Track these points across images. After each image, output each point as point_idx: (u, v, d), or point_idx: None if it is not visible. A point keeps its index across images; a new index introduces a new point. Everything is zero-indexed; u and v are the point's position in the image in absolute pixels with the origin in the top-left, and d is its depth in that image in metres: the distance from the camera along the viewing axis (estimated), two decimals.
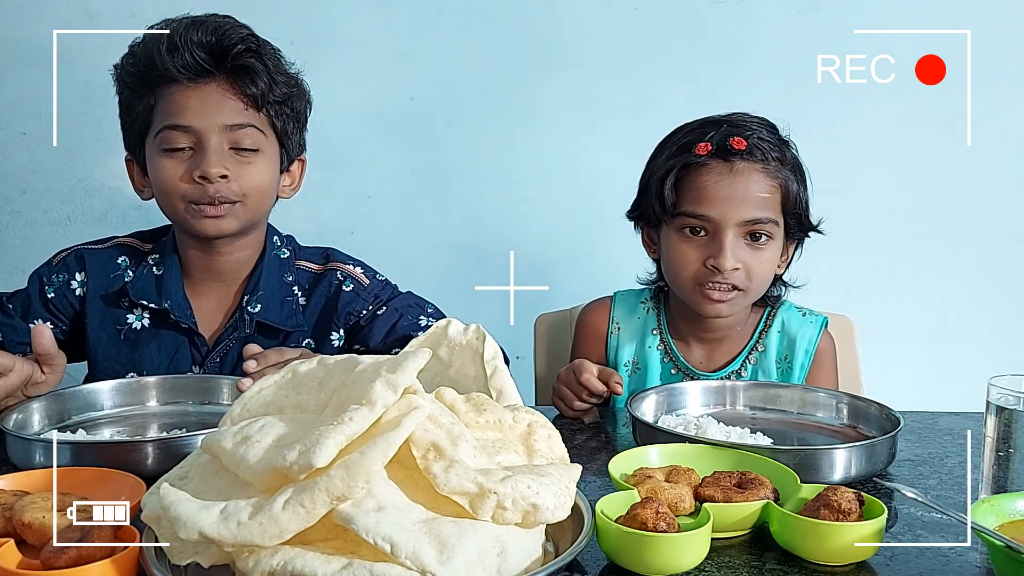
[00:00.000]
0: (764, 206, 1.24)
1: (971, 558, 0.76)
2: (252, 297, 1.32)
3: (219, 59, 1.24)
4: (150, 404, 1.18)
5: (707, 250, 1.25)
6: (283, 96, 1.30)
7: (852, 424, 1.14)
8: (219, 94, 1.25)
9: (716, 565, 0.75)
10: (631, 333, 1.40)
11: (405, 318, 1.36)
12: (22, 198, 1.94)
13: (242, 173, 1.25)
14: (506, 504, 0.65)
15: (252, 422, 0.70)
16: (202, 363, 1.32)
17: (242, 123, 1.25)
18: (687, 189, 1.26)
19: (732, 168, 1.24)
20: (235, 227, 1.27)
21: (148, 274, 1.33)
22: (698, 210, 1.24)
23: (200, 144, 1.23)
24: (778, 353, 1.35)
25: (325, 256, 1.41)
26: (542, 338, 1.62)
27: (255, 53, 1.26)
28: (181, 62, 1.22)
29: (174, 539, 0.66)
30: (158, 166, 1.25)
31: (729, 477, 0.85)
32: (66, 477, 0.84)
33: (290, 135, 1.33)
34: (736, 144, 1.23)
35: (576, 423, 1.21)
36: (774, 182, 1.25)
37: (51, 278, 1.33)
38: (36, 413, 1.09)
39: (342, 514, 0.62)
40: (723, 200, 1.23)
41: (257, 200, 1.28)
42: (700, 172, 1.25)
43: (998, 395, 0.87)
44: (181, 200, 1.25)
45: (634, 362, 1.39)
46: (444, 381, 0.83)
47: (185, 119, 1.23)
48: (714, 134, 1.26)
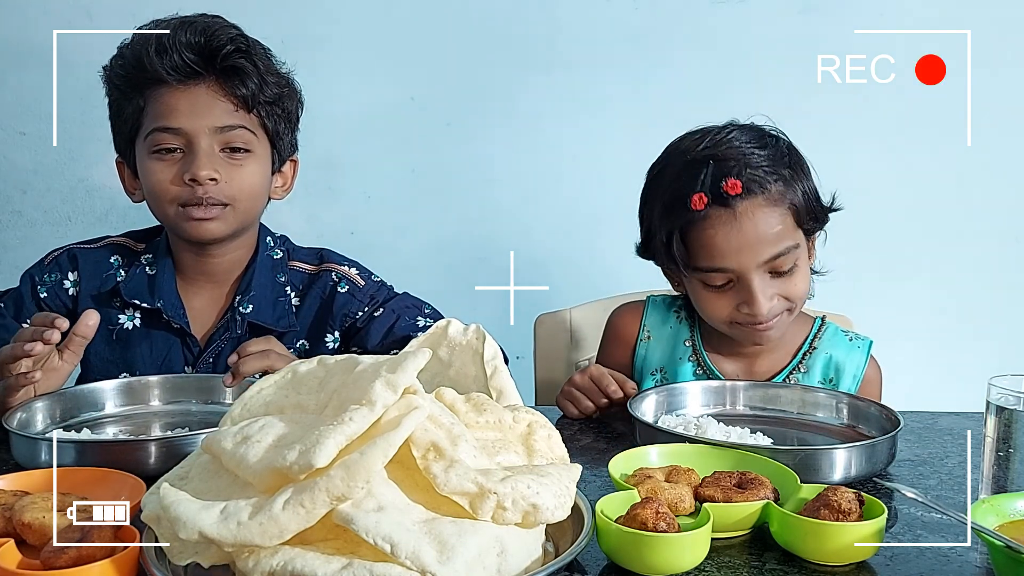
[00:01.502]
0: (779, 239, 1.17)
1: (971, 558, 0.76)
2: (244, 298, 1.31)
3: (208, 60, 1.22)
4: (153, 404, 1.19)
5: (736, 296, 1.19)
6: (274, 96, 1.28)
7: (852, 424, 1.13)
8: (209, 95, 1.23)
9: (716, 565, 0.75)
10: (662, 342, 1.34)
11: (403, 319, 1.35)
12: (22, 198, 1.94)
13: (233, 176, 1.24)
14: (506, 504, 0.65)
15: (252, 422, 0.70)
16: (194, 363, 1.31)
17: (232, 124, 1.24)
18: (696, 245, 1.19)
19: (735, 213, 1.16)
20: (225, 231, 1.26)
21: (141, 274, 1.32)
22: (714, 264, 1.18)
23: (190, 146, 1.22)
24: (823, 375, 1.29)
25: (319, 257, 1.39)
26: (542, 338, 1.62)
27: (245, 53, 1.25)
28: (170, 64, 1.21)
29: (174, 539, 0.66)
30: (148, 169, 1.24)
31: (729, 477, 0.85)
32: (66, 477, 0.83)
33: (281, 135, 1.32)
34: (731, 189, 1.15)
35: (576, 423, 1.21)
36: (782, 209, 1.18)
37: (43, 278, 1.33)
38: (40, 412, 1.10)
39: (342, 514, 0.62)
40: (736, 250, 1.16)
41: (247, 203, 1.28)
42: (704, 227, 1.17)
43: (998, 395, 0.87)
44: (171, 203, 1.24)
45: (662, 371, 1.34)
46: (444, 381, 0.83)
47: (175, 121, 1.22)
48: (704, 176, 1.17)
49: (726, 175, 1.16)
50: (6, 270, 1.90)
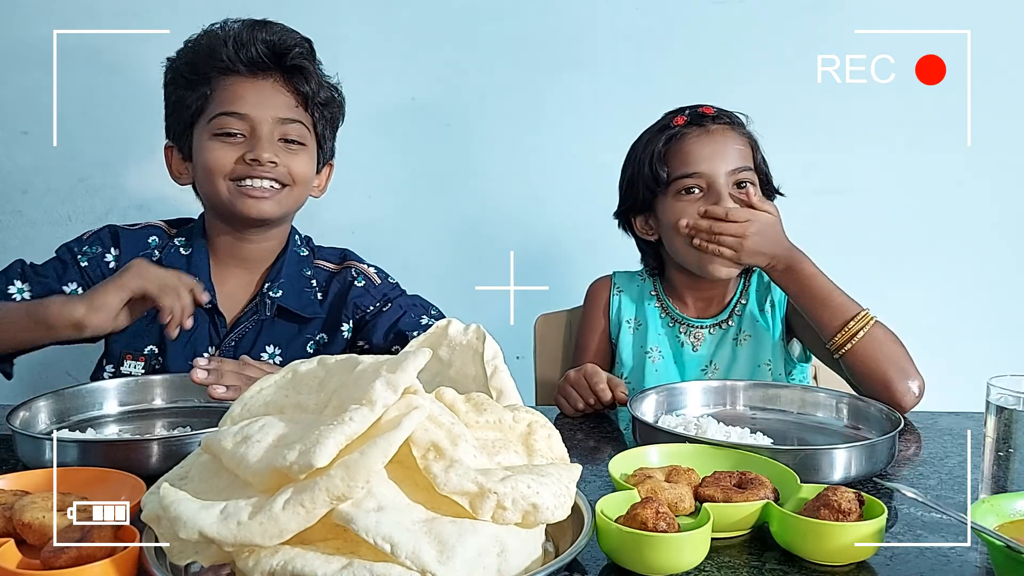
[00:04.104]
0: (743, 157, 1.38)
1: (971, 558, 0.76)
2: (274, 284, 1.37)
3: (278, 57, 1.32)
4: (156, 402, 1.20)
5: (705, 203, 1.35)
6: (326, 99, 1.38)
7: (852, 424, 1.14)
8: (274, 89, 1.33)
9: (716, 565, 0.75)
10: (631, 296, 1.53)
11: (408, 315, 1.38)
12: (22, 198, 1.94)
13: (289, 161, 1.33)
14: (506, 504, 0.65)
15: (252, 422, 0.70)
16: (219, 344, 1.35)
17: (292, 118, 1.33)
18: (674, 157, 1.39)
19: (708, 130, 1.39)
20: (275, 212, 1.33)
21: (175, 253, 1.38)
22: (689, 170, 1.37)
23: (253, 132, 1.31)
24: (759, 299, 1.47)
25: (342, 256, 1.46)
26: (542, 338, 1.62)
27: (308, 57, 1.36)
28: (246, 56, 1.31)
29: (174, 539, 0.66)
30: (208, 147, 1.31)
31: (729, 477, 0.85)
32: (66, 477, 0.84)
33: (326, 139, 1.42)
34: (706, 111, 1.40)
35: (576, 423, 1.21)
36: (745, 139, 1.41)
37: (83, 249, 1.37)
38: (42, 411, 1.10)
39: (342, 514, 0.62)
40: (708, 156, 1.37)
41: (299, 189, 1.35)
42: (682, 140, 1.39)
43: (998, 395, 0.87)
44: (226, 180, 1.31)
45: (635, 320, 1.51)
46: (444, 381, 0.83)
47: (242, 107, 1.30)
48: (685, 110, 1.42)
49: (702, 106, 1.42)
50: None
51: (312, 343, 1.38)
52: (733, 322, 1.47)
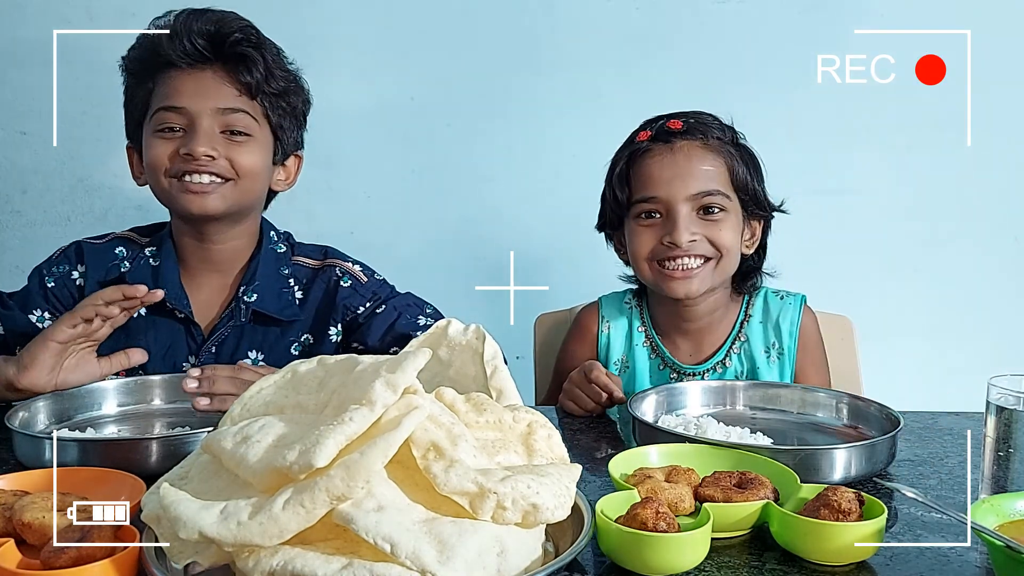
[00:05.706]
0: (710, 179, 1.29)
1: (971, 558, 0.76)
2: (248, 287, 1.33)
3: (216, 46, 1.27)
4: (155, 403, 1.20)
5: (663, 229, 1.29)
6: (280, 89, 1.32)
7: (852, 424, 1.14)
8: (214, 80, 1.28)
9: (716, 565, 0.75)
10: (620, 332, 1.44)
11: (404, 317, 1.36)
12: (22, 198, 1.94)
13: (231, 153, 1.27)
14: (506, 504, 0.65)
15: (252, 422, 0.70)
16: (197, 352, 1.33)
17: (234, 108, 1.28)
18: (635, 178, 1.32)
19: (672, 148, 1.30)
20: (221, 207, 1.28)
21: (145, 264, 1.35)
22: (647, 193, 1.30)
23: (192, 125, 1.26)
24: (765, 342, 1.37)
25: (323, 253, 1.42)
26: (542, 338, 1.62)
27: (253, 45, 1.29)
28: (181, 48, 1.26)
29: (174, 539, 0.66)
30: (150, 145, 1.28)
31: (729, 477, 0.85)
32: (66, 477, 0.84)
33: (285, 129, 1.35)
34: (672, 125, 1.30)
35: (576, 423, 1.21)
36: (717, 157, 1.30)
37: (51, 270, 1.35)
38: (42, 411, 1.10)
39: (342, 514, 0.62)
40: (667, 179, 1.28)
41: (247, 182, 1.30)
42: (644, 159, 1.31)
43: (998, 395, 0.87)
44: (166, 176, 1.27)
45: (623, 360, 1.43)
46: (444, 381, 0.83)
47: (179, 101, 1.26)
48: (654, 123, 1.34)
49: (672, 119, 1.32)
50: (6, 270, 1.91)
51: (297, 345, 1.35)
52: (731, 362, 1.37)
